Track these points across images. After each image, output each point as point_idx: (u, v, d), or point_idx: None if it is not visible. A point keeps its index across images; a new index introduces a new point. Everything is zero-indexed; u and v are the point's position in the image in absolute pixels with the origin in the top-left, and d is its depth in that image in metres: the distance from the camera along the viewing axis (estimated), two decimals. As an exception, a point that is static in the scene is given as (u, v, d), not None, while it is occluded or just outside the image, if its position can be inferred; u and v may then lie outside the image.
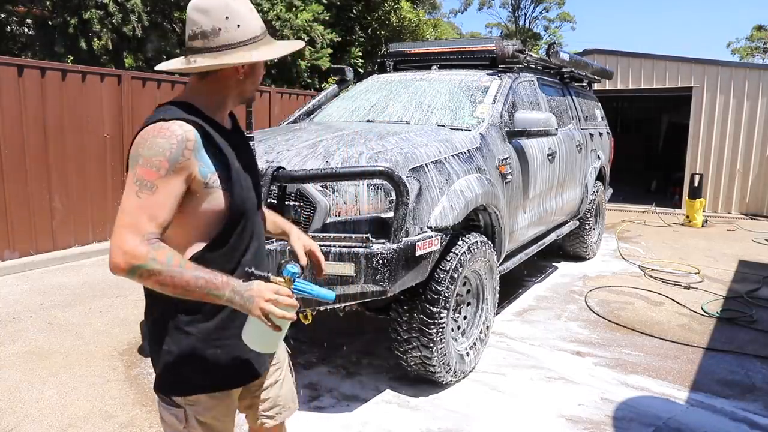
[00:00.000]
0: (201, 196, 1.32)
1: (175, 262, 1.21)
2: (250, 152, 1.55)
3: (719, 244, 7.29)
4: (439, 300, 2.87)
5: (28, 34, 9.49)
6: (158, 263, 1.20)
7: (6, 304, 4.40)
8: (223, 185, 1.34)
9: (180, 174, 1.27)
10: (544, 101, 4.78)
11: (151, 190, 1.24)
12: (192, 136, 1.29)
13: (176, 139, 1.26)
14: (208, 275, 1.24)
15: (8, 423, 2.72)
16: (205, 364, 1.41)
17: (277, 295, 1.24)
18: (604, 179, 6.62)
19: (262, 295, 1.23)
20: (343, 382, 3.20)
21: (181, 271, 1.21)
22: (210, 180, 1.32)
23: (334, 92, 4.91)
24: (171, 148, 1.25)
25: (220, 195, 1.34)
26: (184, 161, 1.26)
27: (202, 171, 1.30)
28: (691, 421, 2.84)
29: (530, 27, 36.47)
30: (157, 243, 1.23)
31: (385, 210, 2.68)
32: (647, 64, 10.24)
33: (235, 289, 1.24)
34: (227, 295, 1.24)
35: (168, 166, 1.25)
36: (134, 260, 1.19)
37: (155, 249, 1.21)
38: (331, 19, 11.28)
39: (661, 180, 12.39)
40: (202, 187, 1.31)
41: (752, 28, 30.27)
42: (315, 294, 1.32)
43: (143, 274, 1.20)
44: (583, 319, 4.31)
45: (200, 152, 1.30)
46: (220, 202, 1.34)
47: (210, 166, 1.32)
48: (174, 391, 1.44)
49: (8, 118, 5.37)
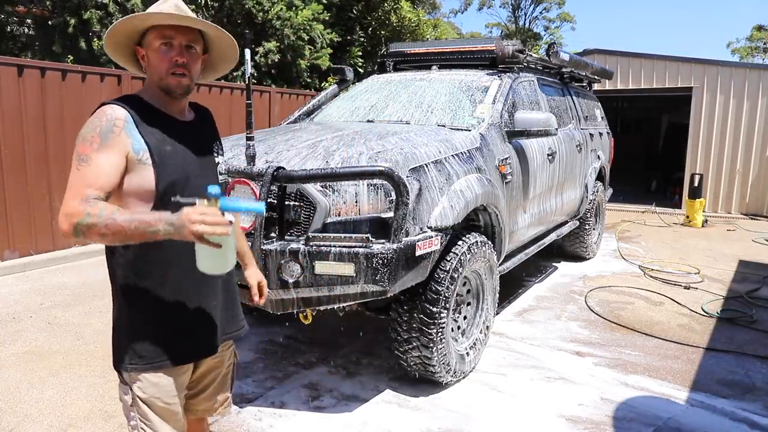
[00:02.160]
0: (135, 172, 1.44)
1: (107, 212, 1.31)
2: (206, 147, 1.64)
3: (719, 244, 7.29)
4: (439, 300, 2.87)
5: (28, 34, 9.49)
6: (92, 216, 1.30)
7: (6, 304, 4.40)
8: (153, 163, 1.45)
9: (112, 148, 1.40)
10: (544, 101, 4.78)
11: (87, 162, 1.39)
12: (121, 115, 1.43)
13: (106, 118, 1.42)
14: (140, 216, 1.33)
15: (8, 423, 2.72)
16: (146, 342, 1.50)
17: (203, 215, 1.26)
18: (604, 179, 6.62)
19: (189, 218, 1.27)
20: (343, 382, 3.20)
21: (114, 218, 1.30)
22: (142, 156, 1.44)
23: (334, 92, 4.91)
24: (101, 124, 1.41)
25: (151, 172, 1.45)
26: (114, 137, 1.41)
27: (134, 147, 1.43)
28: (691, 421, 2.84)
29: (530, 27, 36.47)
30: (94, 201, 1.35)
31: (385, 210, 2.68)
32: (647, 64, 10.24)
33: (167, 220, 1.30)
34: (162, 228, 1.29)
35: (99, 140, 1.40)
36: (73, 218, 1.31)
37: (90, 205, 1.32)
38: (331, 19, 11.28)
39: (661, 180, 12.39)
40: (136, 162, 1.43)
41: (752, 28, 30.28)
42: (243, 208, 1.37)
43: (83, 230, 1.31)
44: (583, 319, 4.31)
45: (132, 131, 1.43)
46: (151, 179, 1.45)
47: (142, 144, 1.44)
48: (119, 366, 1.53)
49: (8, 118, 5.37)
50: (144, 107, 1.49)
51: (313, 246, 2.57)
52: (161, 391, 1.53)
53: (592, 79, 6.49)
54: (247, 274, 1.83)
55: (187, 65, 1.49)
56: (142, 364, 1.50)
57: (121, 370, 1.53)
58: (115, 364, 1.54)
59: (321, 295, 2.66)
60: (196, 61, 1.54)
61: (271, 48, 9.76)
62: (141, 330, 1.51)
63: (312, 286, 2.61)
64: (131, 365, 1.50)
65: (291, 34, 9.98)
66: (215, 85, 7.47)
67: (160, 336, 1.51)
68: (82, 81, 5.96)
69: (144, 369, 1.50)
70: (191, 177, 1.52)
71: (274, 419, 2.79)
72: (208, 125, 1.70)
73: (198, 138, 1.61)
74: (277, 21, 9.76)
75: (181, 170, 1.50)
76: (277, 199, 2.67)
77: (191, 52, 1.51)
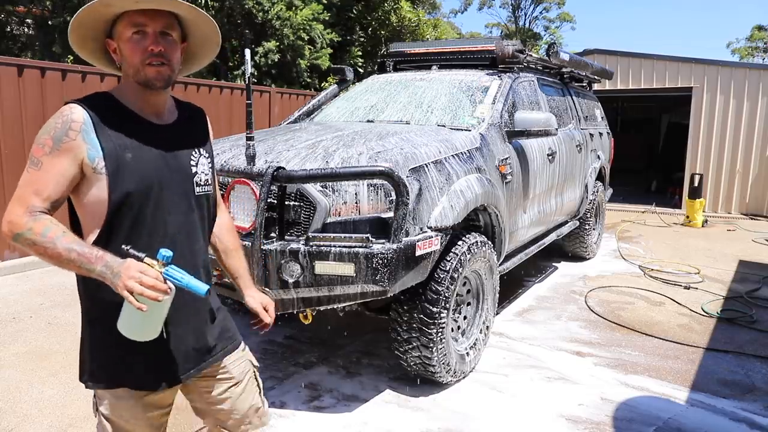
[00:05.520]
0: (91, 181, 1.33)
1: (51, 235, 1.25)
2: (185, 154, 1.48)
3: (719, 244, 7.29)
4: (439, 300, 2.87)
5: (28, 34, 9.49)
6: (33, 234, 1.25)
7: (6, 304, 4.40)
8: (108, 171, 1.32)
9: (65, 153, 1.30)
10: (544, 101, 4.78)
11: (37, 166, 1.30)
12: (79, 118, 1.31)
13: (62, 120, 1.30)
14: (83, 249, 1.25)
15: (8, 423, 2.71)
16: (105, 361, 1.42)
17: (142, 275, 1.20)
18: (604, 179, 6.62)
19: (127, 272, 1.20)
20: (343, 382, 3.20)
21: (55, 244, 1.24)
22: (97, 165, 1.31)
23: (334, 92, 4.90)
24: (56, 127, 1.30)
25: (105, 182, 1.32)
26: (68, 141, 1.29)
27: (89, 154, 1.31)
28: (691, 421, 2.84)
29: (530, 27, 36.48)
30: (39, 215, 1.28)
31: (385, 210, 2.68)
32: (647, 64, 10.24)
33: (108, 264, 1.24)
34: (98, 270, 1.24)
35: (52, 144, 1.29)
36: (14, 228, 1.27)
37: (34, 220, 1.26)
38: (331, 19, 11.28)
39: (661, 180, 12.39)
40: (91, 171, 1.32)
41: (752, 28, 30.29)
42: (185, 284, 1.26)
43: (23, 243, 1.27)
44: (583, 319, 4.31)
45: (89, 135, 1.31)
46: (105, 190, 1.32)
47: (98, 151, 1.31)
48: (81, 378, 1.47)
49: (8, 118, 5.37)
50: (112, 107, 1.36)
51: (313, 246, 2.57)
52: (122, 410, 1.45)
53: (592, 79, 6.49)
54: (247, 299, 1.69)
55: (164, 54, 1.35)
56: (100, 383, 1.44)
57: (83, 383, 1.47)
58: (79, 374, 1.48)
59: (321, 295, 2.66)
60: (174, 48, 1.38)
61: (271, 48, 9.76)
62: (100, 348, 1.42)
63: (312, 286, 2.61)
64: (90, 382, 1.44)
65: (291, 34, 9.98)
66: (215, 85, 7.47)
67: (117, 357, 1.40)
68: (82, 81, 5.96)
69: (103, 387, 1.44)
70: (157, 188, 1.38)
71: (274, 419, 2.79)
72: (195, 128, 1.54)
73: (175, 142, 1.45)
74: (276, 21, 9.76)
75: (141, 181, 1.35)
76: (277, 199, 2.67)
77: (168, 39, 1.36)
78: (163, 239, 1.40)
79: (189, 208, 1.48)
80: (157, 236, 1.40)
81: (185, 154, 1.48)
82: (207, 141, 1.58)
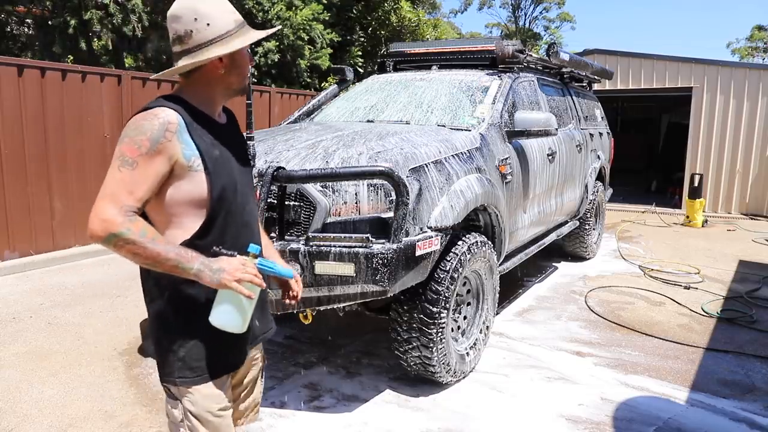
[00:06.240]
0: (185, 179, 1.39)
1: (149, 235, 1.30)
2: (242, 149, 1.60)
3: (719, 244, 7.29)
4: (439, 300, 2.87)
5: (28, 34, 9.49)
6: (133, 233, 1.28)
7: (6, 304, 4.40)
8: (206, 169, 1.40)
9: (161, 154, 1.34)
10: (544, 101, 4.78)
11: (132, 166, 1.32)
12: (174, 119, 1.37)
13: (158, 121, 1.35)
14: (179, 249, 1.33)
15: (8, 423, 2.71)
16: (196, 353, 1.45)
17: (246, 267, 1.32)
18: (604, 179, 6.62)
19: (231, 266, 1.32)
20: (343, 382, 3.20)
21: (155, 244, 1.30)
22: (193, 163, 1.39)
23: (334, 92, 4.90)
24: (153, 128, 1.34)
25: (202, 178, 1.40)
26: (165, 142, 1.34)
27: (185, 153, 1.37)
28: (692, 421, 2.84)
29: (530, 27, 36.48)
30: (134, 216, 1.32)
31: (385, 210, 2.68)
32: (647, 64, 10.24)
33: (204, 263, 1.32)
34: (196, 267, 1.31)
35: (149, 145, 1.33)
36: (111, 228, 1.28)
37: (131, 221, 1.30)
38: (331, 19, 11.28)
39: (661, 180, 12.40)
40: (186, 169, 1.38)
41: (752, 28, 30.27)
42: (276, 271, 1.44)
43: (118, 243, 1.29)
44: (583, 319, 4.31)
45: (183, 135, 1.37)
46: (203, 187, 1.40)
47: (193, 150, 1.39)
48: (167, 379, 1.48)
49: (8, 118, 5.37)
50: (191, 111, 1.43)
51: (313, 246, 2.57)
52: (212, 403, 1.48)
53: (592, 79, 6.49)
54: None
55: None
56: (192, 377, 1.45)
57: (170, 384, 1.48)
58: (163, 378, 1.49)
59: (321, 295, 2.66)
60: None
61: (271, 48, 9.77)
62: (189, 342, 1.45)
63: (312, 286, 2.61)
64: (181, 378, 1.45)
65: (291, 34, 9.98)
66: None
67: (209, 346, 1.46)
68: (82, 81, 5.96)
69: (195, 381, 1.46)
70: (238, 183, 1.50)
71: (274, 419, 2.79)
72: (237, 127, 1.66)
73: (235, 141, 1.57)
74: (276, 21, 9.76)
75: (228, 176, 1.46)
76: (277, 199, 2.67)
77: None
78: (244, 227, 1.53)
79: (253, 198, 1.63)
80: (241, 225, 1.51)
81: (245, 150, 1.62)
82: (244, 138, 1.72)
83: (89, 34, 8.82)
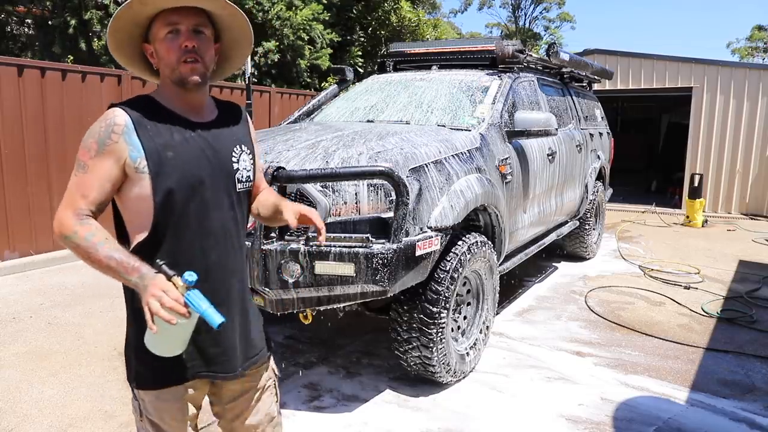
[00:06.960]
0: (134, 182, 1.36)
1: (95, 240, 1.29)
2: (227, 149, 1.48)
3: (719, 244, 7.29)
4: (439, 300, 2.87)
5: (28, 34, 9.49)
6: (78, 237, 1.29)
7: (6, 304, 4.40)
8: (150, 170, 1.34)
9: (109, 156, 1.33)
10: (544, 101, 4.78)
11: (84, 169, 1.34)
12: (120, 120, 1.34)
13: (105, 123, 1.34)
14: (121, 258, 1.28)
15: (8, 423, 2.71)
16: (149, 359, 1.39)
17: (163, 294, 1.20)
18: (604, 179, 6.62)
19: (154, 287, 1.22)
20: (343, 382, 3.20)
21: (97, 249, 1.28)
22: (140, 164, 1.34)
23: (334, 92, 4.90)
24: (100, 131, 1.34)
25: (148, 181, 1.35)
26: (111, 144, 1.33)
27: (131, 155, 1.34)
28: (692, 421, 2.84)
29: (530, 27, 36.49)
30: (86, 219, 1.32)
31: (385, 210, 2.68)
32: (647, 64, 10.24)
33: (142, 276, 1.26)
34: (134, 280, 1.27)
35: (96, 147, 1.34)
36: (63, 230, 1.31)
37: (81, 224, 1.30)
38: (331, 19, 11.28)
39: (661, 180, 12.40)
40: (134, 171, 1.35)
41: (752, 28, 30.28)
42: (200, 312, 1.24)
43: (69, 245, 1.32)
44: (583, 319, 4.31)
45: (130, 136, 1.34)
46: (148, 189, 1.35)
47: (140, 151, 1.34)
48: (128, 380, 1.50)
49: (8, 118, 5.37)
50: (153, 108, 1.38)
51: (313, 246, 2.57)
52: (165, 410, 1.48)
53: (592, 79, 6.49)
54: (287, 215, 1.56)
55: (197, 50, 1.37)
56: (142, 382, 1.46)
57: (130, 383, 1.50)
58: (127, 377, 1.51)
59: (321, 295, 2.66)
60: (208, 45, 1.41)
61: (271, 48, 9.76)
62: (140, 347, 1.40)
63: (312, 286, 2.61)
64: (137, 382, 1.47)
65: (291, 34, 9.98)
66: (215, 85, 7.47)
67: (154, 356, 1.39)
68: (82, 81, 5.96)
69: (144, 386, 1.47)
70: (199, 185, 1.40)
71: (274, 419, 2.79)
72: (234, 124, 1.54)
73: (216, 139, 1.46)
74: (276, 21, 9.76)
75: (183, 178, 1.37)
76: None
77: (201, 36, 1.39)
78: (206, 236, 1.43)
79: (230, 205, 1.49)
80: (202, 234, 1.43)
81: (226, 151, 1.48)
82: (248, 136, 1.59)
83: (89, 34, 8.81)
